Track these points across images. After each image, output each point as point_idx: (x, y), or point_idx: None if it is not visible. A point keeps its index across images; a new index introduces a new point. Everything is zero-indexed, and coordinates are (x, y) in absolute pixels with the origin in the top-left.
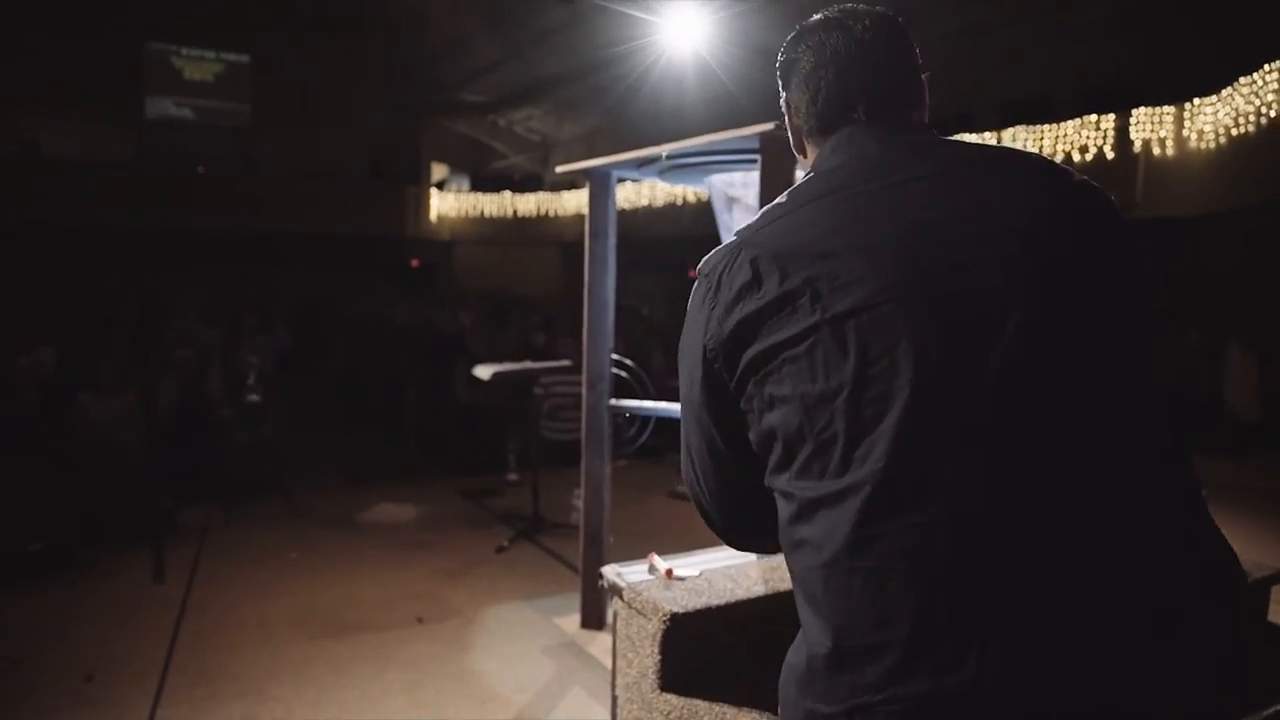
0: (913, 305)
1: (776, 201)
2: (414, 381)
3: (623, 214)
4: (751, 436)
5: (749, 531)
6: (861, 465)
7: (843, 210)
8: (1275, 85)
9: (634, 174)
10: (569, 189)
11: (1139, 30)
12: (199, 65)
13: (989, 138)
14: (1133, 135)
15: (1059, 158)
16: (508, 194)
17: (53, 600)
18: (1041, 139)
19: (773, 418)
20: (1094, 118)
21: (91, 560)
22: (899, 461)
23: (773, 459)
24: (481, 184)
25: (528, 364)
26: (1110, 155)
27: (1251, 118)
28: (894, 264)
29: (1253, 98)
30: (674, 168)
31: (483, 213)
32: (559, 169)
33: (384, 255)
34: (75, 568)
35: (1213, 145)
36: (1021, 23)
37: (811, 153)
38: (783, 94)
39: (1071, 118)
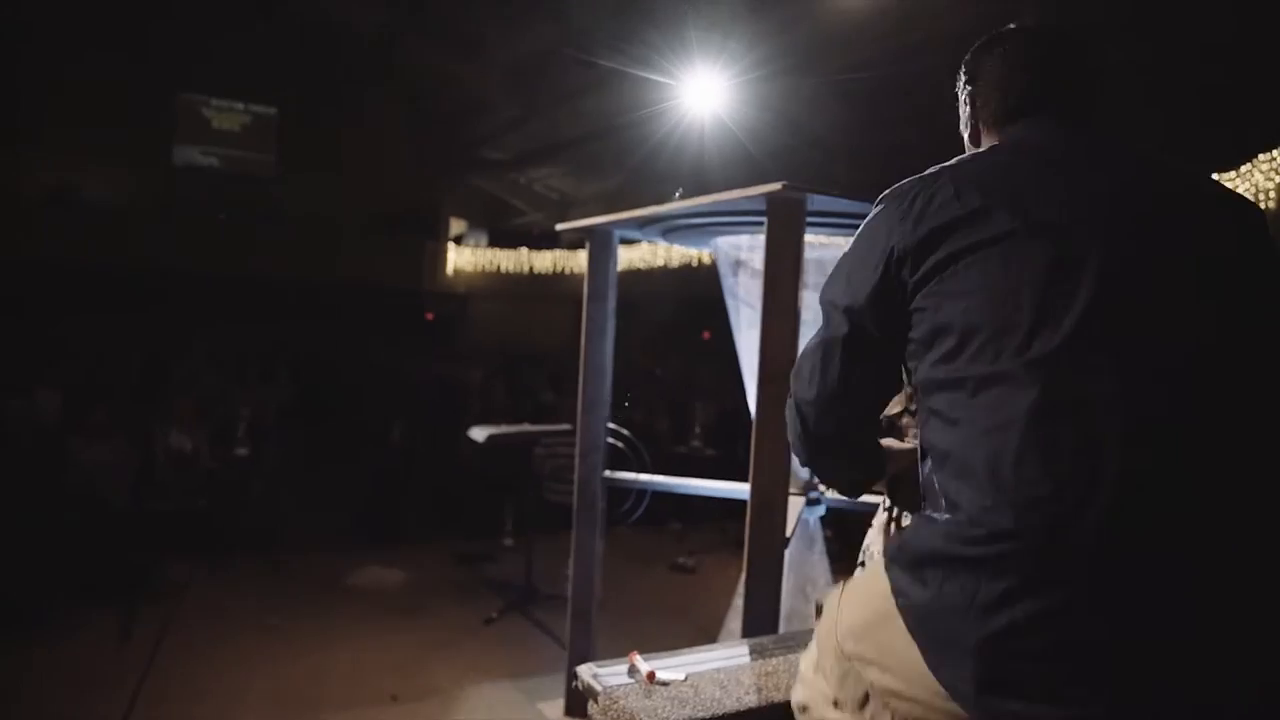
0: (1103, 233)
1: (971, 154)
2: (417, 436)
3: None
4: (916, 334)
5: (847, 450)
6: (1048, 343)
7: (1038, 163)
8: None
9: (636, 234)
10: (583, 247)
11: (1154, 107)
12: (227, 116)
13: None
14: None
15: None
16: (525, 250)
17: (7, 660)
18: None
19: (952, 310)
20: None
21: (58, 617)
22: (1083, 344)
23: (939, 352)
24: (499, 239)
25: (525, 426)
26: None
27: (1272, 194)
28: (1087, 203)
29: (1273, 174)
30: (678, 229)
31: (499, 268)
32: (559, 227)
33: (399, 307)
34: (40, 624)
35: None
36: None
37: (989, 140)
38: (968, 87)
39: None
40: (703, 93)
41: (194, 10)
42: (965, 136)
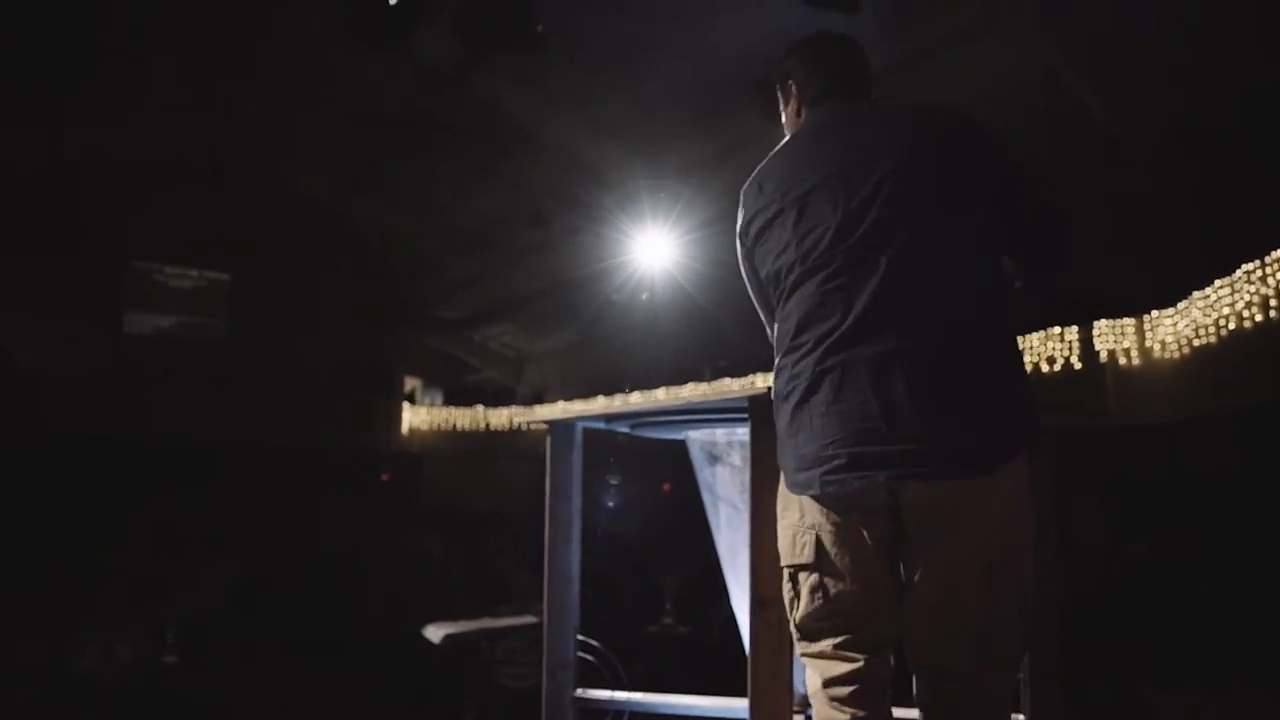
0: (834, 186)
1: (778, 147)
2: (370, 616)
3: None
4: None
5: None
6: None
7: (805, 147)
8: (1228, 300)
9: (602, 426)
10: (540, 402)
11: (1085, 251)
12: (179, 281)
13: None
14: (1097, 346)
15: (1029, 369)
16: (480, 407)
17: None
18: None
19: (769, 263)
20: (1058, 330)
21: None
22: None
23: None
24: (454, 397)
25: (486, 622)
26: (1078, 365)
27: (1211, 329)
28: (826, 167)
29: (1209, 310)
30: (649, 424)
31: (454, 426)
32: (520, 419)
33: (353, 469)
34: None
35: (1177, 355)
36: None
37: (804, 116)
38: (780, 85)
39: (1036, 330)
40: (653, 249)
41: (143, 178)
42: (784, 119)
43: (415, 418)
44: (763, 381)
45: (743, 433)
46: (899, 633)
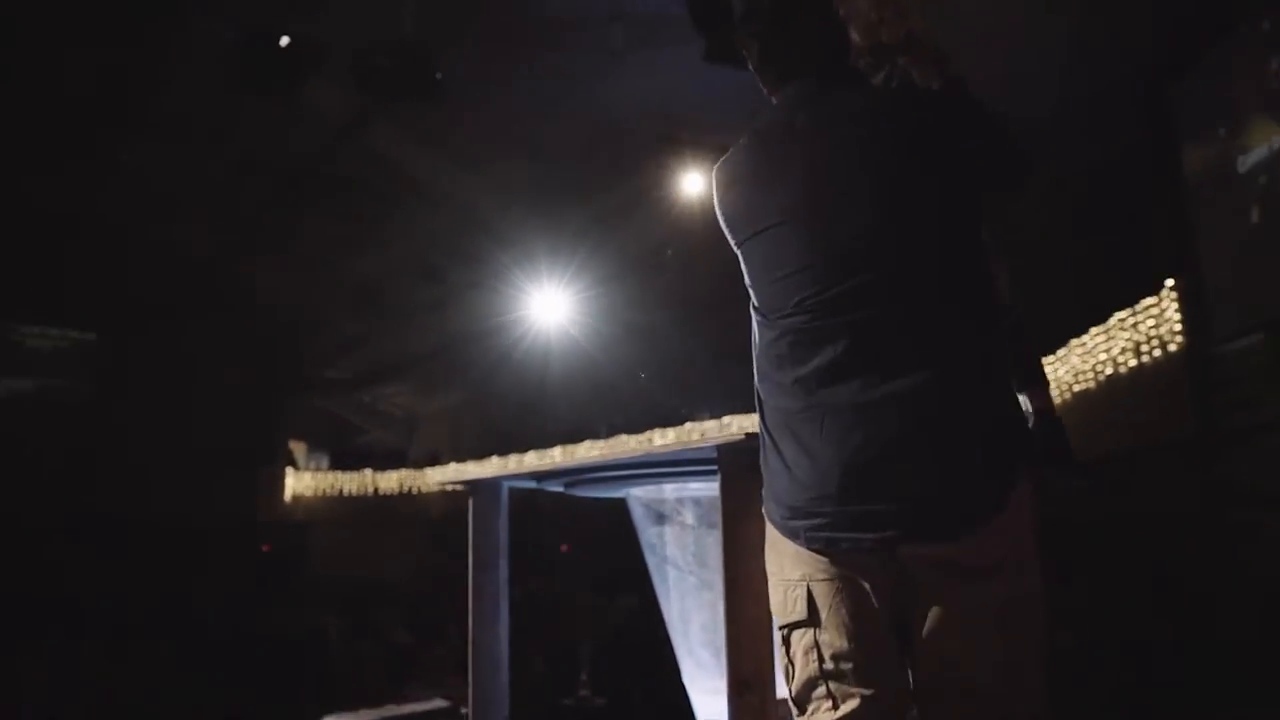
0: (810, 211)
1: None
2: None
3: None
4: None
5: None
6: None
7: (774, 154)
8: (1105, 347)
9: (531, 485)
10: (432, 465)
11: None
12: (38, 341)
13: None
14: None
15: None
16: (369, 471)
17: None
18: None
19: (748, 274)
20: None
21: None
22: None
23: None
24: (341, 461)
25: (390, 710)
26: None
27: (1089, 375)
28: (798, 187)
29: (1087, 357)
30: (589, 481)
31: (342, 491)
32: (436, 479)
33: (232, 542)
34: None
35: (1057, 400)
36: None
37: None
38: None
39: None
40: (550, 306)
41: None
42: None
43: (299, 483)
44: (686, 434)
45: (695, 488)
46: (905, 698)
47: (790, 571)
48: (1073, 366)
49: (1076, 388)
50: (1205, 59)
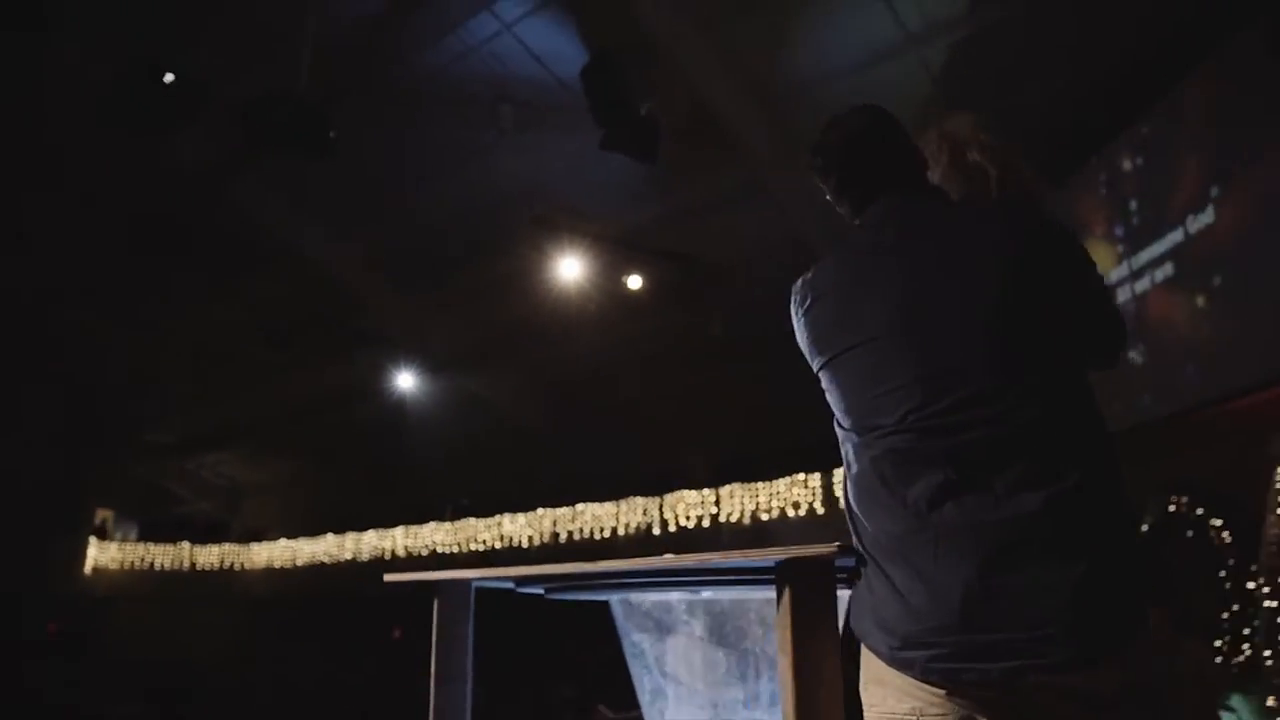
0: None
1: (820, 263)
2: None
3: None
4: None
5: None
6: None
7: (865, 266)
8: None
9: (505, 586)
10: (258, 539)
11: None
12: None
13: (708, 494)
14: (837, 492)
15: (774, 513)
16: (186, 544)
17: None
18: (757, 495)
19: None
20: (802, 476)
21: None
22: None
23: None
24: (153, 531)
25: None
26: (820, 510)
27: None
28: (897, 301)
29: None
30: (585, 587)
31: (153, 565)
32: (389, 578)
33: (10, 619)
34: None
35: None
36: (731, 397)
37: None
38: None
39: (782, 476)
40: (404, 379)
41: None
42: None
43: (104, 555)
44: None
45: (708, 594)
46: None
47: (897, 705)
48: None
49: None
50: (1064, 187)
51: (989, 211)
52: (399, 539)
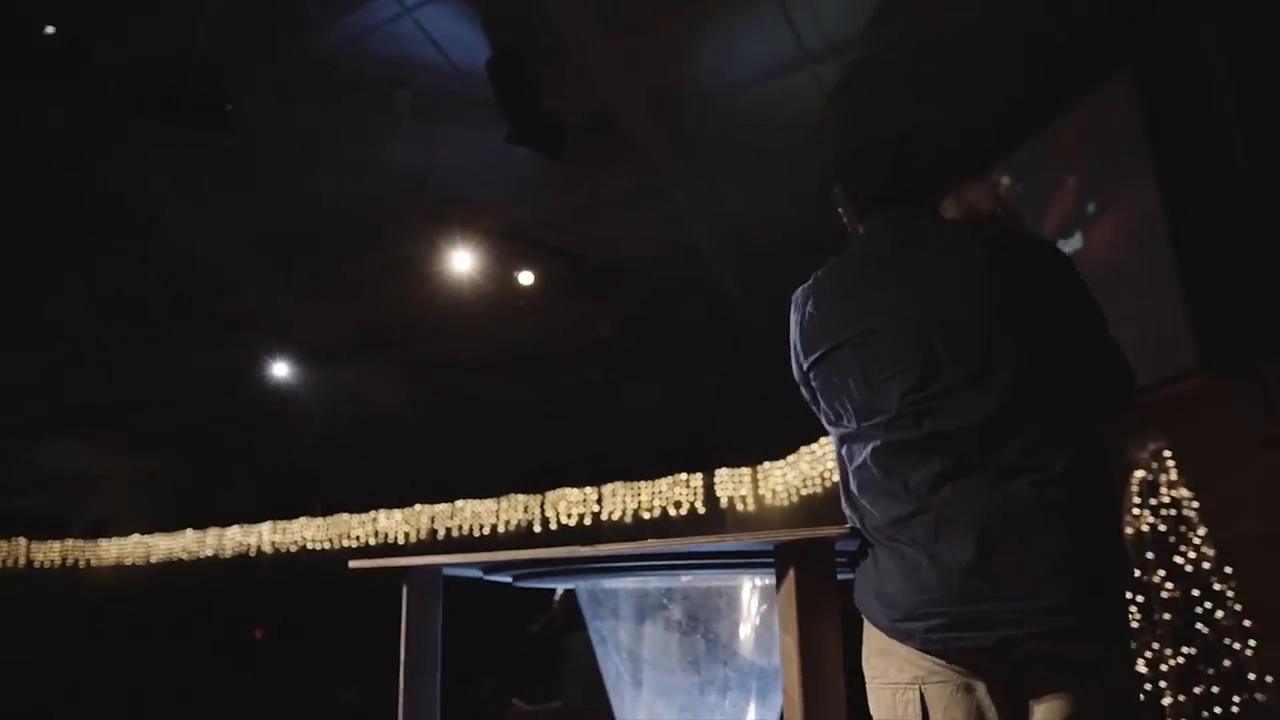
0: (907, 324)
1: (830, 263)
2: None
3: None
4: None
5: None
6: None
7: (865, 273)
8: (833, 455)
9: (473, 574)
10: (101, 535)
11: (710, 406)
12: None
13: (590, 492)
14: (718, 492)
15: (656, 512)
16: (22, 540)
17: None
18: (640, 494)
19: (830, 398)
20: (684, 476)
21: None
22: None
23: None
24: None
25: None
26: (702, 509)
27: (816, 480)
28: (892, 302)
29: (815, 464)
30: (556, 573)
31: None
32: (354, 565)
33: None
34: None
35: (786, 502)
36: (615, 396)
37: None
38: (839, 202)
39: (664, 476)
40: (276, 370)
41: None
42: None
43: None
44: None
45: (687, 580)
46: None
47: (899, 675)
48: (800, 471)
49: (804, 491)
50: None
51: (986, 224)
52: (266, 535)
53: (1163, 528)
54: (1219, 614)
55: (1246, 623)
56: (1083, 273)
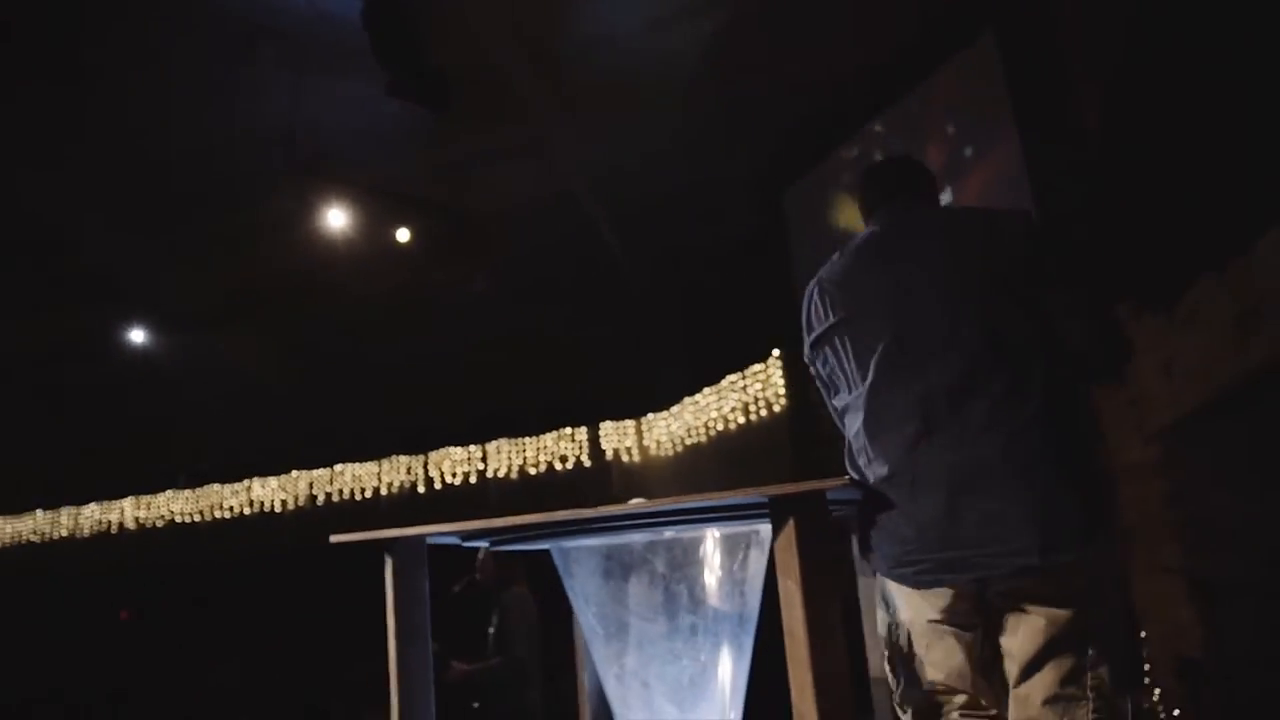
0: (889, 301)
1: (836, 255)
2: None
3: None
4: (824, 375)
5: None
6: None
7: (861, 260)
8: (716, 405)
9: (450, 541)
10: None
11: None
12: None
13: (474, 450)
14: (604, 445)
15: (542, 468)
16: None
17: None
18: (525, 450)
19: (830, 368)
20: (569, 430)
21: None
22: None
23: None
24: None
25: None
26: (588, 463)
27: (700, 429)
28: (878, 283)
29: (699, 414)
30: (544, 535)
31: None
32: (334, 539)
33: None
34: None
35: (670, 452)
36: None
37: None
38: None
39: (549, 431)
40: (130, 333)
41: None
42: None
43: None
44: None
45: (670, 534)
46: (999, 704)
47: (901, 614)
48: (685, 422)
49: (688, 441)
50: (812, 172)
51: (957, 208)
52: (128, 510)
53: None
54: None
55: None
56: None
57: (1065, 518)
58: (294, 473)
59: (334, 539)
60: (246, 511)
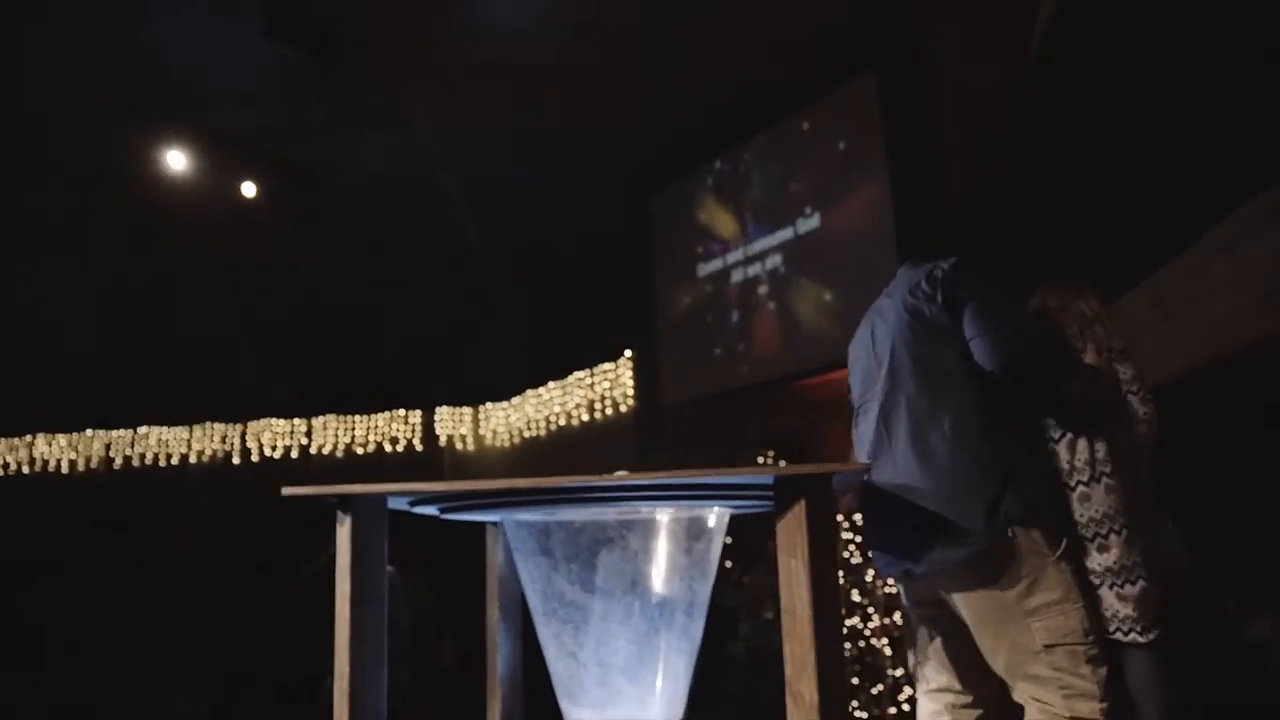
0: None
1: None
2: None
3: None
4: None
5: None
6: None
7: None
8: (560, 400)
9: (400, 507)
10: None
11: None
12: None
13: (299, 424)
14: (438, 430)
15: (371, 448)
16: None
17: None
18: (354, 429)
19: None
20: (403, 412)
21: None
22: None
23: None
24: None
25: None
26: (419, 447)
27: (540, 423)
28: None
29: (541, 407)
30: (514, 504)
31: None
32: (286, 491)
33: None
34: None
35: (507, 443)
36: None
37: None
38: None
39: (381, 411)
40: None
41: None
42: None
43: None
44: None
45: (647, 510)
46: (978, 678)
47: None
48: (526, 414)
49: (526, 433)
50: (685, 179)
51: (918, 265)
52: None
53: None
54: None
55: None
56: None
57: (961, 529)
58: (88, 431)
59: (286, 491)
60: (26, 469)
